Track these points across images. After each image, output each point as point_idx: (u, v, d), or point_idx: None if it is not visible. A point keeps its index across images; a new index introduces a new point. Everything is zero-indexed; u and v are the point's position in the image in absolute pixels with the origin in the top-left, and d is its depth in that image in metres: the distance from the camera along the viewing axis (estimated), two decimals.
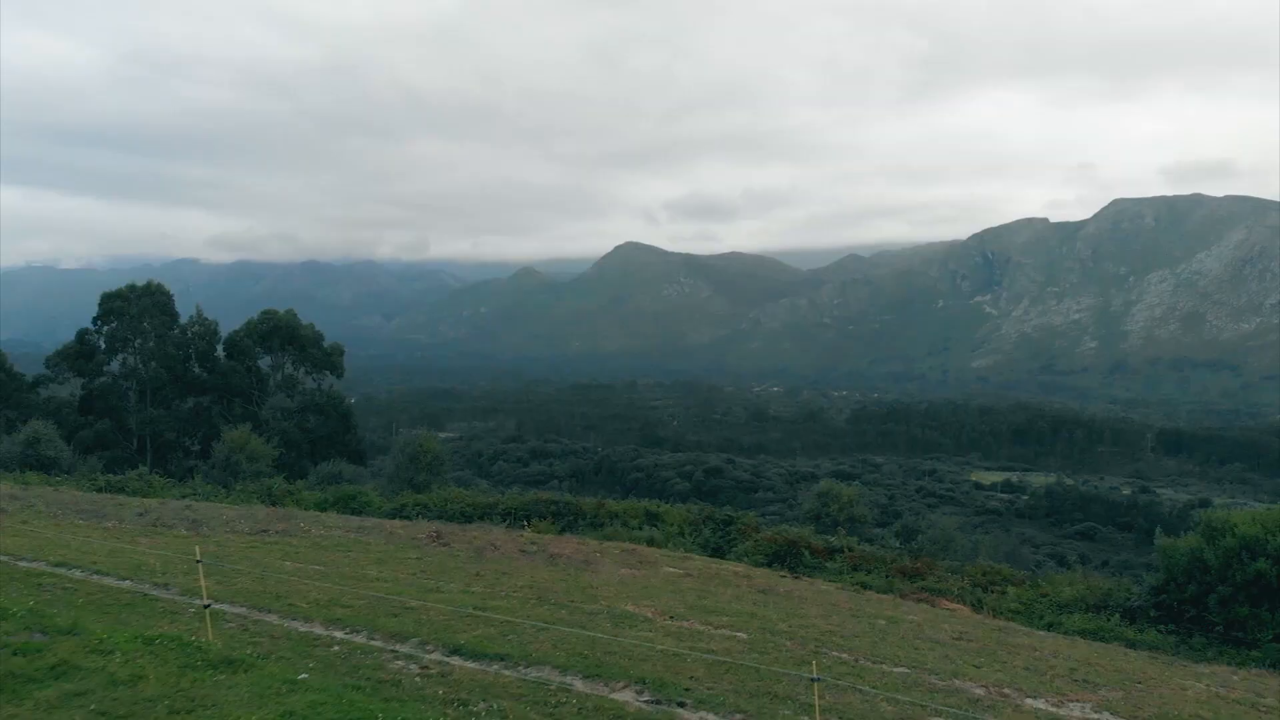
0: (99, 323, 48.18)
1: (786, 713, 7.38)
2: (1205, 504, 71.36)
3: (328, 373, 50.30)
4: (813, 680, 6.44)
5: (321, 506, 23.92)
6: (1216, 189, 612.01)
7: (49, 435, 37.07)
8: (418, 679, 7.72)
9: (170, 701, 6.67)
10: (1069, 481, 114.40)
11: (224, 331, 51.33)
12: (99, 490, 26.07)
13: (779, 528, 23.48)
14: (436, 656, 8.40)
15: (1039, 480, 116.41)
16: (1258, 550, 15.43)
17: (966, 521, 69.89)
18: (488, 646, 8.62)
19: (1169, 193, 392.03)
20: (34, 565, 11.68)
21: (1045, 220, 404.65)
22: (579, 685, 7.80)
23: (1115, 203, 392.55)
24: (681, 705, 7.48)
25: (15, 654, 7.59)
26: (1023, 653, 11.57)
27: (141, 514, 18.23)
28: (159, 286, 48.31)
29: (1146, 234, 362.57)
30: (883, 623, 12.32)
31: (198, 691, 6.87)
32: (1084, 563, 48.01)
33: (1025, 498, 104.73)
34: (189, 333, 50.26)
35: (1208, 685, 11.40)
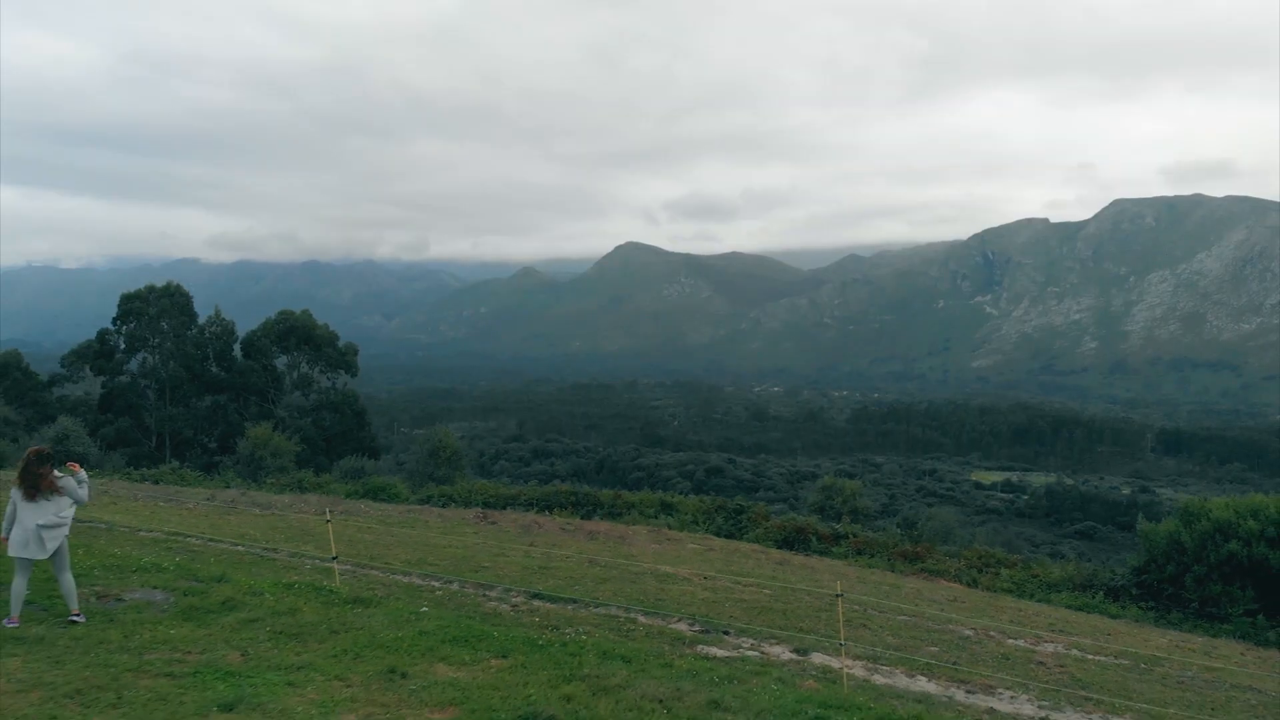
0: (118, 323, 49.35)
1: (812, 638, 9.16)
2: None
3: (342, 371, 51.55)
4: (837, 596, 8.19)
5: (352, 497, 24.78)
6: (1217, 189, 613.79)
7: (77, 432, 37.87)
8: (512, 613, 9.56)
9: (327, 625, 8.46)
10: (1069, 481, 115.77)
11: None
12: (136, 483, 26.60)
13: (787, 516, 25.23)
14: (521, 599, 10.22)
15: (1039, 480, 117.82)
16: (1230, 533, 17.11)
17: (967, 520, 71.43)
18: (561, 592, 10.43)
19: (1169, 193, 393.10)
20: (153, 534, 13.44)
21: (1046, 220, 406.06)
22: (641, 619, 9.61)
23: (1116, 203, 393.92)
24: (726, 633, 9.26)
25: (186, 594, 9.39)
26: (1009, 611, 13.36)
27: (209, 499, 19.99)
28: (178, 287, 49.85)
29: (1147, 234, 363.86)
30: (886, 587, 14.12)
31: (344, 619, 8.66)
32: (1082, 559, 49.70)
33: (1025, 497, 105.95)
34: (207, 332, 51.50)
35: (1171, 639, 13.20)
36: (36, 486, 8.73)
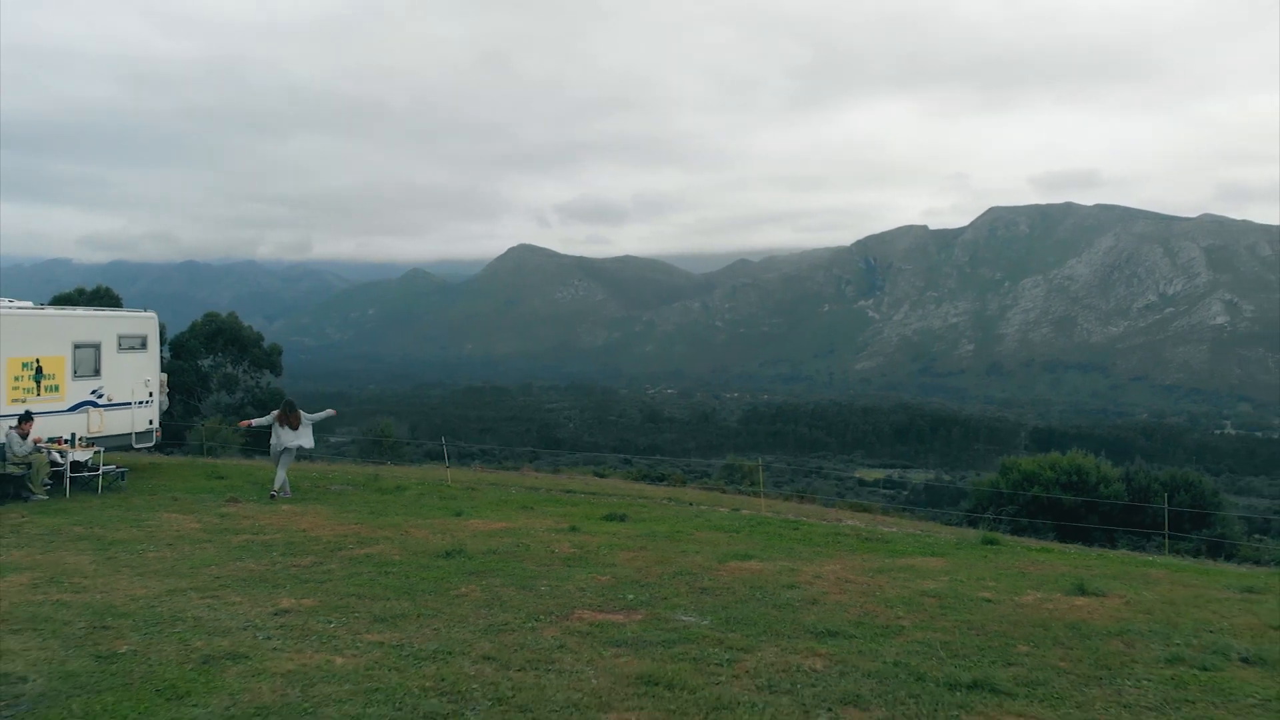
0: None
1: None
2: None
3: (267, 371, 52.32)
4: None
5: None
6: (1084, 198, 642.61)
7: None
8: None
9: (466, 496, 7.21)
10: (946, 477, 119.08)
11: None
12: None
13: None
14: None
15: (919, 477, 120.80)
16: (1034, 481, 22.93)
17: None
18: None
19: (1039, 201, 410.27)
20: None
21: (925, 228, 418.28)
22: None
23: (991, 210, 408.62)
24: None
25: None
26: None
27: None
28: (108, 290, 47.94)
29: (1021, 241, 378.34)
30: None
31: (472, 497, 7.48)
32: None
33: (905, 493, 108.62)
34: None
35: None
36: (290, 421, 16.90)
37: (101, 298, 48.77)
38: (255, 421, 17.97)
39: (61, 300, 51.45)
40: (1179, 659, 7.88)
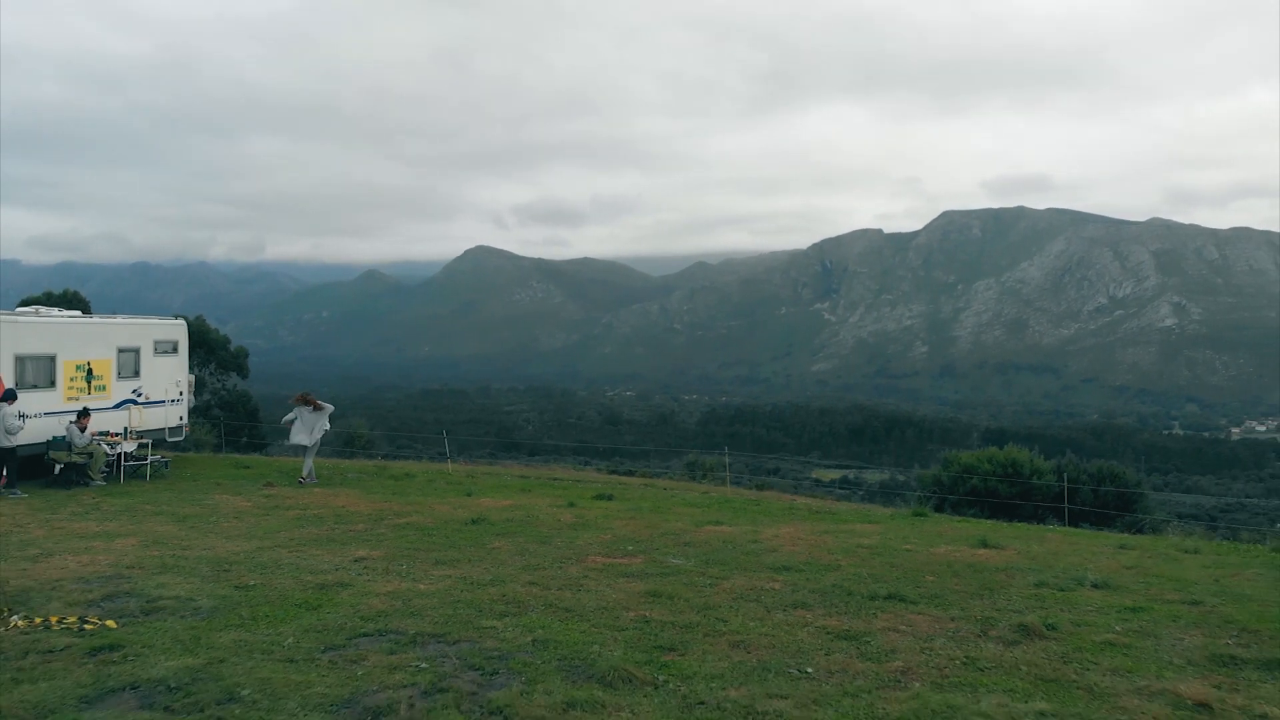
0: None
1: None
2: None
3: (234, 373, 53.46)
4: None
5: None
6: (1036, 202, 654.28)
7: None
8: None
9: (471, 481, 9.57)
10: (901, 477, 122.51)
11: None
12: None
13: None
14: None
15: (874, 477, 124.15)
16: (973, 472, 24.71)
17: None
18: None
19: (991, 205, 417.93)
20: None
21: (879, 231, 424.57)
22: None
23: (944, 214, 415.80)
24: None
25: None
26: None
27: None
28: (75, 294, 48.84)
29: (974, 244, 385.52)
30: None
31: (471, 483, 9.82)
32: None
33: (861, 492, 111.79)
34: None
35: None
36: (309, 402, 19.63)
37: (70, 301, 49.61)
38: (286, 419, 20.06)
39: (28, 304, 52.30)
40: (1044, 584, 10.61)
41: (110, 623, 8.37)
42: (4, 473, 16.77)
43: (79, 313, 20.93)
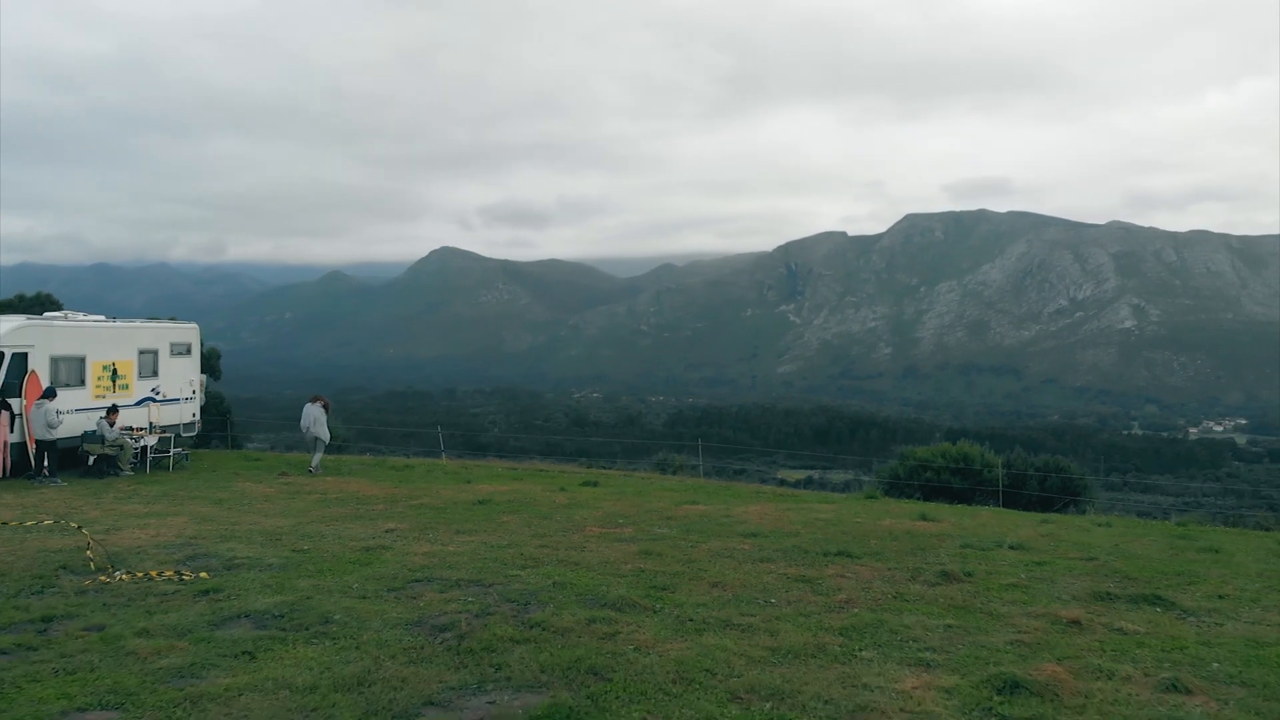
0: None
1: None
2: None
3: (207, 375, 54.78)
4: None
5: None
6: (997, 205, 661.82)
7: None
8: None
9: (466, 471, 11.45)
10: (865, 478, 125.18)
11: None
12: None
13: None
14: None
15: (838, 477, 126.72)
16: (928, 466, 26.56)
17: None
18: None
19: (953, 208, 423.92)
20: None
21: (844, 234, 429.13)
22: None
23: (907, 217, 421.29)
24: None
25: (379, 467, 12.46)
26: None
27: None
28: (49, 296, 49.65)
29: (936, 247, 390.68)
30: None
31: (467, 475, 11.70)
32: None
33: (826, 491, 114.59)
34: None
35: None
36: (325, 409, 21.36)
37: (44, 304, 50.57)
38: (306, 423, 21.83)
39: (2, 307, 52.85)
40: (969, 546, 12.73)
41: (204, 574, 10.22)
42: (45, 463, 18.42)
43: (103, 317, 22.50)
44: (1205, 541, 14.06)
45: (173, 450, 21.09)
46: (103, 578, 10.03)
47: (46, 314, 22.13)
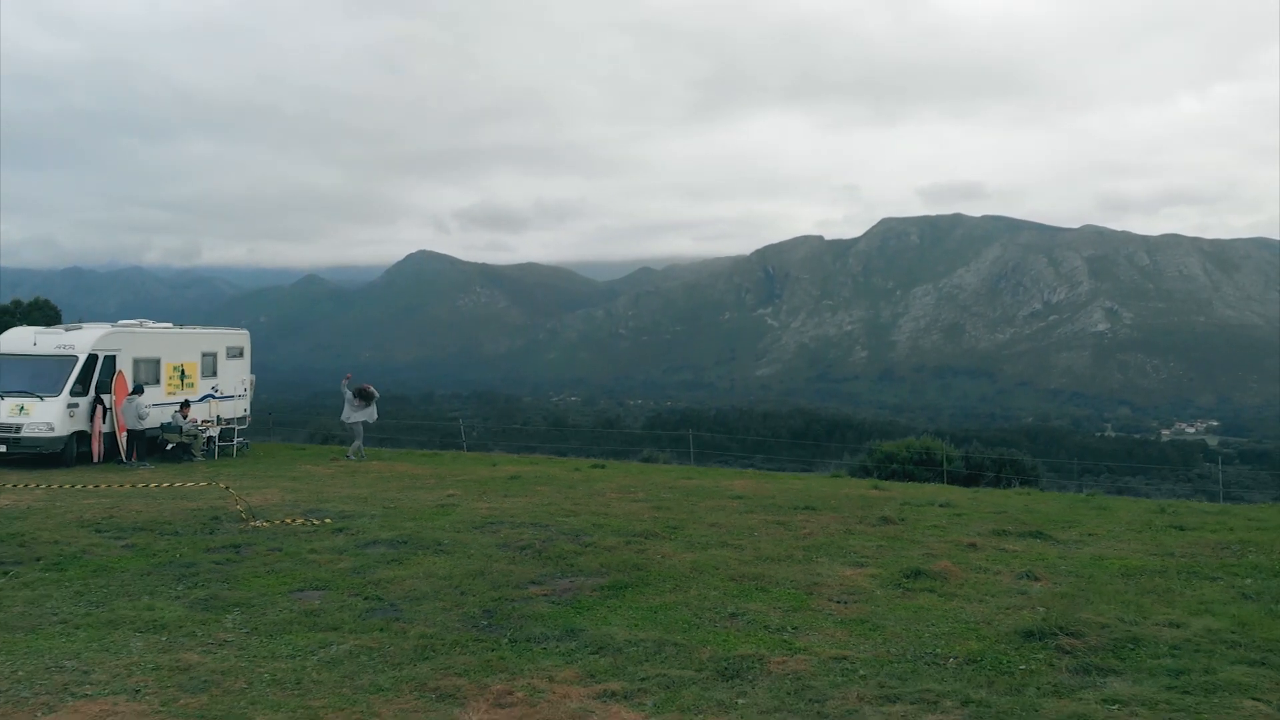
0: None
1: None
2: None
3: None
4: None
5: None
6: (972, 209, 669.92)
7: None
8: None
9: (485, 458, 14.80)
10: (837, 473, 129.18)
11: None
12: None
13: None
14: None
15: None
16: (894, 459, 28.82)
17: None
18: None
19: (928, 212, 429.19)
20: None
21: (820, 238, 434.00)
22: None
23: (883, 221, 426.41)
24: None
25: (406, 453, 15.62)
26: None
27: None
28: (46, 302, 51.80)
29: (912, 251, 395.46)
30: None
31: (477, 462, 15.07)
32: None
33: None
34: None
35: None
36: (367, 399, 24.24)
37: (41, 308, 52.70)
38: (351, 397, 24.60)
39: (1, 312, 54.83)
40: (907, 504, 16.31)
41: (328, 520, 13.57)
42: (134, 450, 21.67)
43: (170, 324, 25.77)
44: (1099, 503, 17.67)
45: (236, 440, 24.42)
46: (253, 523, 13.35)
47: (121, 321, 25.27)
